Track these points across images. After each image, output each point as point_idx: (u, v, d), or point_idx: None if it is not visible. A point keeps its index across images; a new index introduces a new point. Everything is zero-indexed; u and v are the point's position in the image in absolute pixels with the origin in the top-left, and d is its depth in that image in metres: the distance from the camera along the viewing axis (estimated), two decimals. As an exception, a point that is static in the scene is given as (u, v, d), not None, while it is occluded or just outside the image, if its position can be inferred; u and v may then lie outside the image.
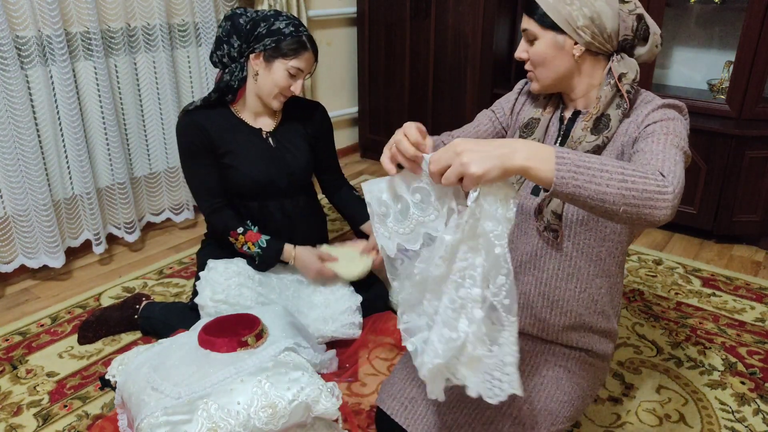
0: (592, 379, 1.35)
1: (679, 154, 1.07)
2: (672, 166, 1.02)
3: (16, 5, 2.07)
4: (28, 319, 2.09)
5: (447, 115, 3.31)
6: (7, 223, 2.24)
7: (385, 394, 1.39)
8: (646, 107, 1.21)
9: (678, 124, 1.16)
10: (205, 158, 1.81)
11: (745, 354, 1.93)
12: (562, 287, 1.30)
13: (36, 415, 1.66)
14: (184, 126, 1.81)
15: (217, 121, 1.83)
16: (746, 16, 2.41)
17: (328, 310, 1.83)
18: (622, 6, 1.19)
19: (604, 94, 1.23)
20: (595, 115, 1.23)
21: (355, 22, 3.54)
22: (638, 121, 1.20)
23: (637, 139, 1.17)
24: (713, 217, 2.64)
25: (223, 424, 1.21)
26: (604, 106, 1.23)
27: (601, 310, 1.33)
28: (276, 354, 1.37)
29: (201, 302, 1.75)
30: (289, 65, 1.74)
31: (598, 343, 1.35)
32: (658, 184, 0.94)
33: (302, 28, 1.76)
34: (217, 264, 1.82)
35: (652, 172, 0.95)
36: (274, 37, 1.73)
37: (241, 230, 1.81)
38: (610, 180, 0.91)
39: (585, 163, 0.91)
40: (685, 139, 1.15)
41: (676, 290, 2.31)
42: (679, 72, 2.98)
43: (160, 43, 2.52)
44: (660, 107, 1.19)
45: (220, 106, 1.85)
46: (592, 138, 1.23)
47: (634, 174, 0.93)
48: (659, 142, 1.09)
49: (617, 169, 0.92)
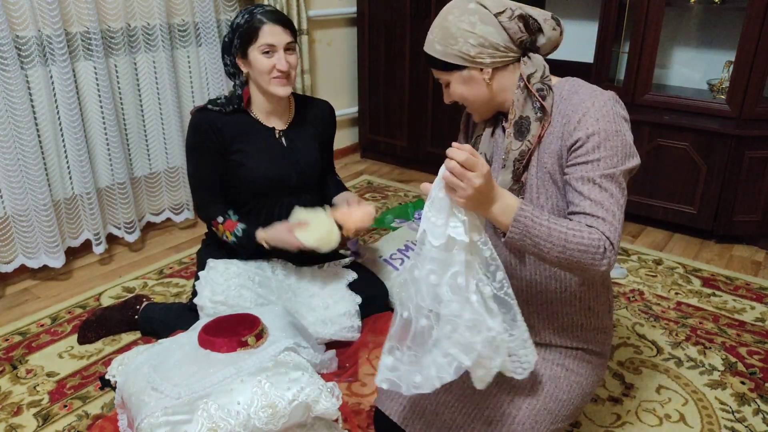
0: (590, 376, 1.35)
1: (618, 191, 1.15)
2: (612, 221, 1.13)
3: (16, 5, 2.07)
4: (28, 319, 2.09)
5: (447, 115, 3.31)
6: (7, 223, 2.24)
7: (384, 394, 1.39)
8: (575, 107, 1.19)
9: (612, 137, 1.15)
10: (212, 157, 1.82)
11: (745, 354, 1.93)
12: (543, 290, 1.31)
13: (36, 415, 1.66)
14: (197, 122, 1.81)
15: (231, 121, 1.83)
16: (746, 16, 2.41)
17: (327, 312, 1.83)
18: (500, 17, 1.18)
19: (516, 98, 1.24)
20: (513, 119, 1.25)
21: (355, 22, 3.54)
22: (569, 127, 1.18)
23: (571, 149, 1.17)
24: (713, 217, 2.64)
25: (223, 424, 1.21)
26: (520, 109, 1.24)
27: (587, 306, 1.33)
28: (276, 354, 1.37)
29: (200, 303, 1.75)
30: (258, 46, 1.74)
31: (593, 340, 1.35)
32: (593, 258, 1.10)
33: (256, 10, 1.76)
34: (218, 264, 1.82)
35: (593, 244, 1.09)
36: (235, 34, 1.77)
37: (221, 219, 1.82)
38: (551, 250, 1.09)
39: (534, 231, 1.09)
40: (621, 149, 1.15)
41: (676, 290, 2.31)
42: (679, 72, 2.98)
43: (160, 43, 2.52)
44: (588, 108, 1.17)
45: (236, 113, 1.87)
46: (517, 144, 1.24)
47: (574, 247, 1.09)
48: (597, 185, 1.15)
49: (560, 242, 1.09)
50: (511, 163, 1.25)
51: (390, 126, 3.61)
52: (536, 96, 1.23)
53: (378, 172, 3.62)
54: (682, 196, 2.68)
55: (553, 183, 1.23)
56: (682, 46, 2.94)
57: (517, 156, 1.24)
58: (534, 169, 1.26)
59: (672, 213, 2.73)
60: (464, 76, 1.24)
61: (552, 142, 1.23)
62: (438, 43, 1.23)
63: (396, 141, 3.62)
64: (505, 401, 1.27)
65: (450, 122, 3.30)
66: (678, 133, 2.59)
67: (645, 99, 2.69)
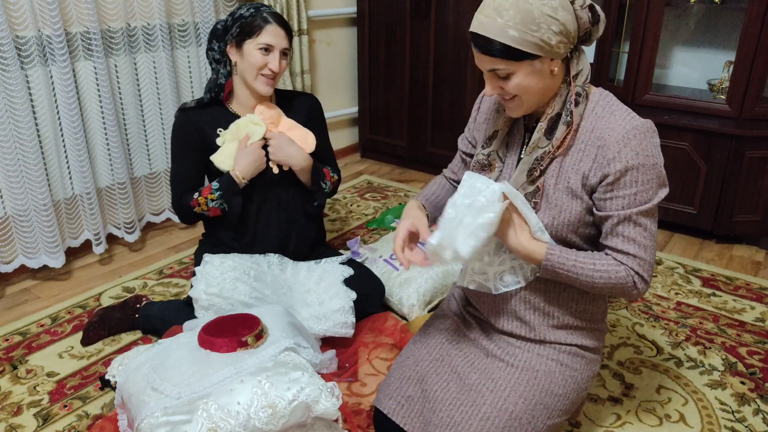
0: (585, 371, 1.36)
1: (651, 223, 1.19)
2: (643, 256, 1.20)
3: (16, 5, 2.07)
4: (28, 319, 2.09)
5: (447, 115, 3.31)
6: (7, 223, 2.24)
7: (382, 394, 1.39)
8: (613, 133, 1.16)
9: (647, 169, 1.14)
10: (193, 156, 1.91)
11: (745, 354, 1.93)
12: (541, 290, 1.32)
13: (36, 415, 1.66)
14: (179, 123, 1.90)
15: (212, 117, 1.90)
16: (746, 16, 2.41)
17: (322, 308, 1.83)
18: (575, 5, 1.14)
19: (560, 93, 1.20)
20: (550, 114, 1.21)
21: (355, 22, 3.54)
22: (607, 155, 1.15)
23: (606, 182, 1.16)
24: (713, 217, 2.64)
25: (223, 424, 1.21)
26: (559, 106, 1.21)
27: (583, 308, 1.34)
28: (276, 354, 1.37)
29: (195, 295, 1.75)
30: (257, 43, 1.80)
31: (587, 338, 1.36)
32: (623, 290, 1.22)
33: (263, 8, 1.83)
34: (213, 258, 1.83)
35: (621, 282, 1.20)
36: (237, 23, 1.81)
37: (197, 195, 1.87)
38: (582, 285, 1.24)
39: (562, 275, 1.22)
40: (655, 180, 1.16)
41: (676, 290, 2.31)
42: (679, 72, 2.98)
43: (160, 43, 2.52)
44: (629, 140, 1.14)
45: (214, 105, 1.93)
46: (545, 143, 1.21)
47: (602, 284, 1.21)
48: (631, 222, 1.17)
49: (588, 279, 1.21)
50: (531, 160, 1.22)
51: (390, 126, 3.61)
52: (572, 99, 1.18)
53: (378, 172, 3.62)
54: (682, 196, 2.68)
55: (573, 197, 1.21)
56: (682, 46, 2.94)
57: (539, 155, 1.21)
58: (553, 180, 1.23)
59: (672, 213, 2.73)
60: (535, 66, 1.13)
61: (581, 159, 1.20)
62: (513, 28, 1.08)
63: (396, 141, 3.62)
64: (501, 397, 1.27)
65: (450, 122, 3.30)
66: (678, 133, 2.59)
67: (645, 99, 2.69)
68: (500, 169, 1.32)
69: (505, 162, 1.33)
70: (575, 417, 1.62)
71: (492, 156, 1.32)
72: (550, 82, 1.18)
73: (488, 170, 1.33)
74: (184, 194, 1.91)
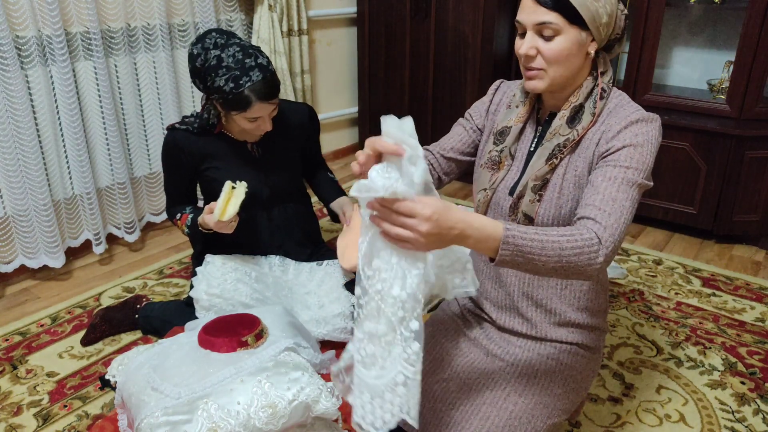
0: (584, 370, 1.36)
1: (632, 194, 1.13)
2: (616, 219, 1.09)
3: (16, 5, 2.07)
4: (28, 319, 2.09)
5: (447, 115, 3.31)
6: (7, 223, 2.24)
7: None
8: (619, 119, 1.20)
9: (644, 151, 1.16)
10: (180, 173, 1.90)
11: (745, 354, 1.93)
12: (543, 286, 1.33)
13: (36, 415, 1.66)
14: (167, 142, 1.87)
15: (200, 138, 1.85)
16: (746, 16, 2.41)
17: (322, 312, 1.83)
18: (620, 5, 1.20)
19: (586, 84, 1.23)
20: (574, 103, 1.23)
21: (355, 22, 3.54)
22: (608, 135, 1.19)
23: (603, 155, 1.18)
24: (713, 217, 2.64)
25: (223, 424, 1.21)
26: (584, 97, 1.23)
27: (584, 306, 1.34)
28: (276, 354, 1.37)
29: (196, 295, 1.75)
30: (245, 116, 1.72)
31: (587, 337, 1.37)
32: (590, 258, 1.03)
33: (243, 80, 1.65)
34: (215, 259, 1.83)
35: (588, 242, 1.03)
36: (219, 95, 1.69)
37: (178, 216, 1.89)
38: (546, 262, 1.01)
39: (527, 248, 0.99)
40: (648, 167, 1.17)
41: (676, 290, 2.31)
42: (679, 72, 2.98)
43: (160, 43, 2.52)
44: (632, 123, 1.18)
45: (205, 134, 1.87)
46: (567, 131, 1.23)
47: (570, 252, 1.02)
48: (615, 181, 1.12)
49: (556, 251, 1.01)
50: (551, 146, 1.24)
51: (390, 126, 3.61)
52: (599, 92, 1.23)
53: (378, 172, 3.62)
54: (682, 196, 2.68)
55: (578, 187, 1.23)
56: (682, 46, 2.94)
57: (562, 141, 1.23)
58: (562, 170, 1.25)
59: (672, 213, 2.73)
60: (581, 37, 1.16)
61: (588, 147, 1.23)
62: None
63: (396, 141, 3.62)
64: (501, 397, 1.27)
65: (450, 122, 3.29)
66: (678, 133, 2.59)
67: (645, 99, 2.69)
68: (509, 166, 1.33)
69: (515, 156, 1.33)
70: (575, 417, 1.62)
71: (504, 152, 1.33)
72: (580, 65, 1.21)
73: (497, 168, 1.33)
74: (174, 205, 1.94)
